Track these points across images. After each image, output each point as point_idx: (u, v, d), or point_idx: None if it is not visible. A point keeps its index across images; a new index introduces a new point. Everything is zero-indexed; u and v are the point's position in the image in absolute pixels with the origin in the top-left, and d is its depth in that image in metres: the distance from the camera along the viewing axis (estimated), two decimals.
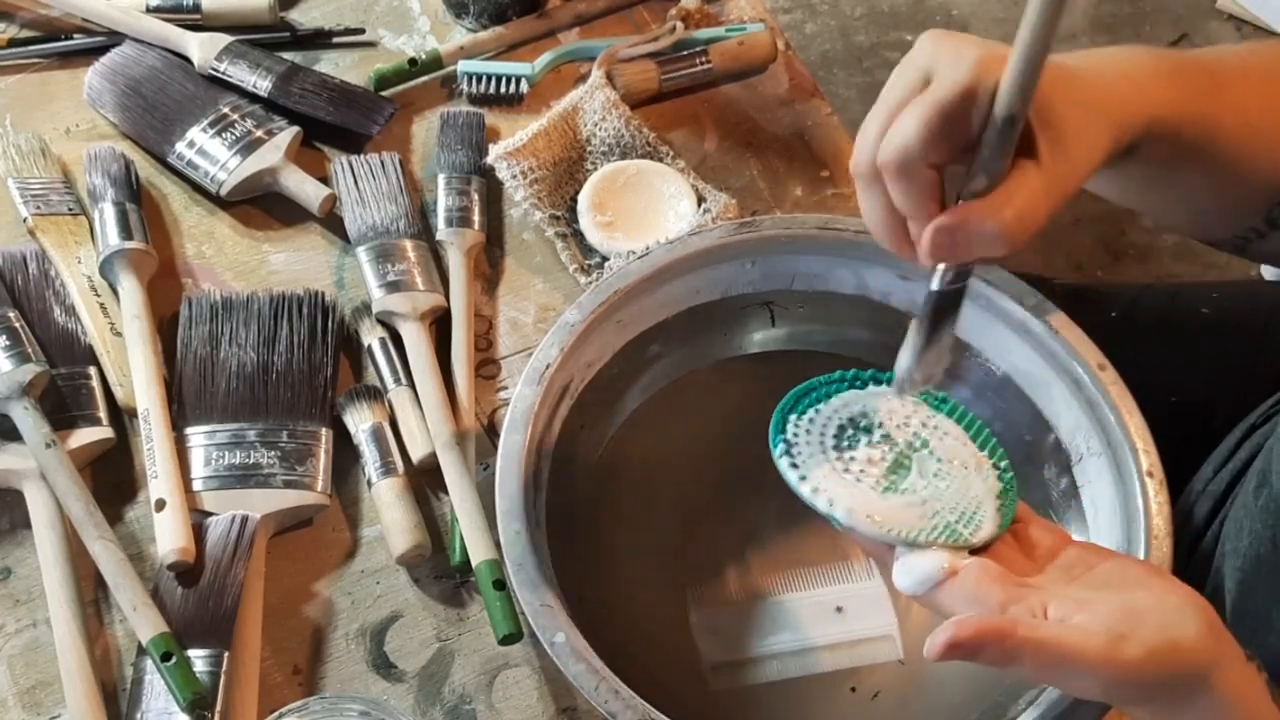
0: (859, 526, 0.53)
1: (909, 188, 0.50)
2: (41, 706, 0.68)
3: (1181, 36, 1.92)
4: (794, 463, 0.56)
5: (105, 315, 0.78)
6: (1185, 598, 0.50)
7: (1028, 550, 0.54)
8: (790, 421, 0.57)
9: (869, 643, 0.72)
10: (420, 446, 0.74)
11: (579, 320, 0.70)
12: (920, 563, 0.52)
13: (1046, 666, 0.47)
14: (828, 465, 0.56)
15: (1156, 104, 0.55)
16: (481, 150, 0.86)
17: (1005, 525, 0.54)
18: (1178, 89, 0.56)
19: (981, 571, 0.51)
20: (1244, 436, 0.72)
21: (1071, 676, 0.48)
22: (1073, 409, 0.69)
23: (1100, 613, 0.48)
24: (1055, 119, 0.49)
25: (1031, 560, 0.53)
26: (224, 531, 0.70)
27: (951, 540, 0.53)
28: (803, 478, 0.55)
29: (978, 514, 0.54)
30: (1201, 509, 0.72)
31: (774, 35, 0.92)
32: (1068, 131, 0.50)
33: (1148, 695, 0.49)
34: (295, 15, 0.94)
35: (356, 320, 0.80)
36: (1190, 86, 0.57)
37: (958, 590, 0.51)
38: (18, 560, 0.73)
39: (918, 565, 0.52)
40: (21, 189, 0.82)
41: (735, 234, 0.73)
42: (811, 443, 0.57)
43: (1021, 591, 0.50)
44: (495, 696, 0.69)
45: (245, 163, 0.83)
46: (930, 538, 0.53)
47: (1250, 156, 0.59)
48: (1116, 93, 0.54)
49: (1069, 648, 0.47)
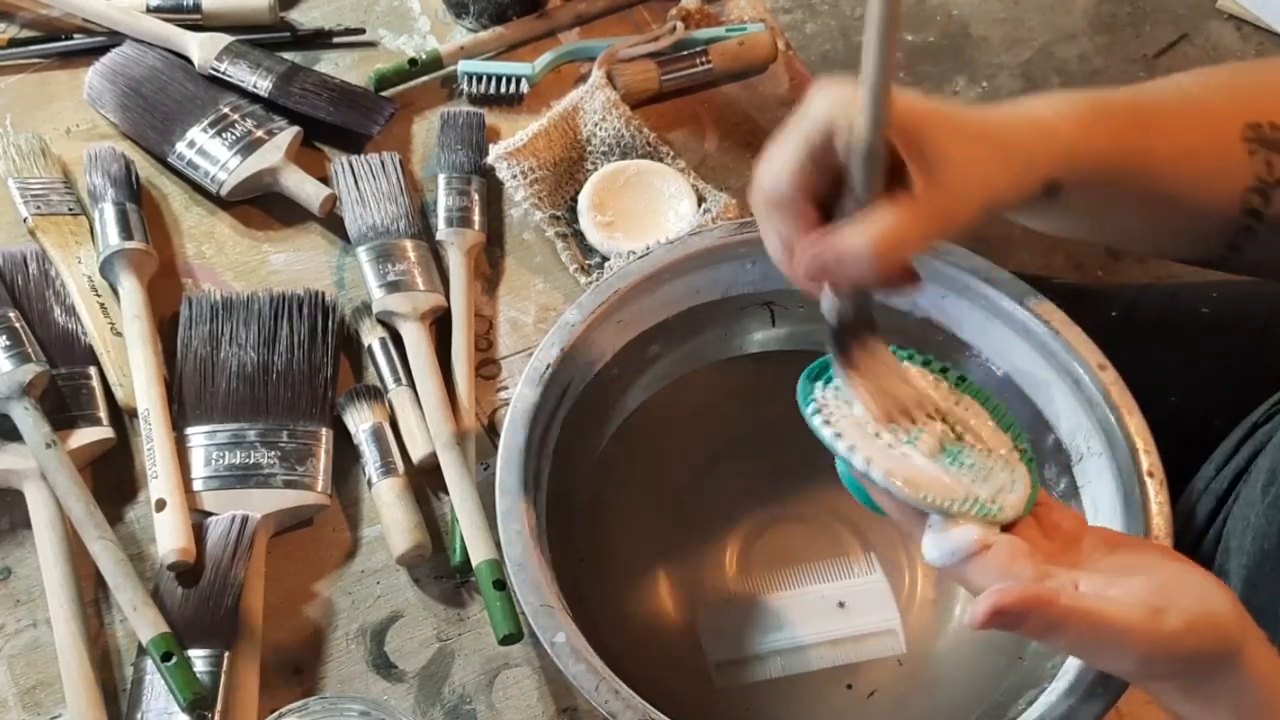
0: (894, 489, 0.53)
1: (785, 218, 0.53)
2: (41, 706, 0.68)
3: (1182, 36, 1.92)
4: (826, 420, 0.55)
5: (105, 315, 0.78)
6: (1207, 575, 0.50)
7: (1050, 533, 0.54)
8: (817, 388, 0.57)
9: (872, 637, 0.72)
10: (420, 446, 0.74)
11: (579, 320, 0.70)
12: (954, 534, 0.52)
13: (1087, 638, 0.48)
14: (859, 429, 0.55)
15: (1070, 143, 0.55)
16: (482, 150, 0.86)
17: (1030, 506, 0.54)
18: (1101, 127, 0.57)
19: (1014, 548, 0.51)
20: (1246, 435, 0.72)
21: (1110, 649, 0.48)
22: (1073, 409, 0.69)
23: (1133, 587, 0.49)
24: (931, 150, 0.51)
25: (1053, 542, 0.54)
26: (224, 531, 0.70)
27: (982, 515, 0.52)
28: (838, 435, 0.54)
29: (1004, 492, 0.54)
30: (1203, 508, 0.72)
31: (774, 35, 0.92)
32: (948, 163, 0.51)
33: (1183, 669, 0.49)
34: (295, 15, 0.94)
35: (357, 320, 0.80)
36: (1116, 123, 0.57)
37: (990, 564, 0.51)
38: (18, 560, 0.73)
39: (950, 536, 0.52)
40: (22, 189, 0.82)
41: (735, 234, 0.73)
42: (840, 407, 0.56)
43: (1052, 569, 0.50)
44: (495, 696, 0.69)
45: (245, 163, 0.83)
46: (963, 509, 0.52)
47: (1193, 187, 0.59)
48: (1020, 135, 0.55)
49: (1112, 618, 0.47)
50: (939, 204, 0.51)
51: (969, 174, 0.52)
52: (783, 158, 0.52)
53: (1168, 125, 0.59)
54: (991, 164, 0.53)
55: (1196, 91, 0.61)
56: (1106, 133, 0.57)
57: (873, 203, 0.51)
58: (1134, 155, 0.58)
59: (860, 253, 0.50)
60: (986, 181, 0.53)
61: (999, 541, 0.51)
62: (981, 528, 0.52)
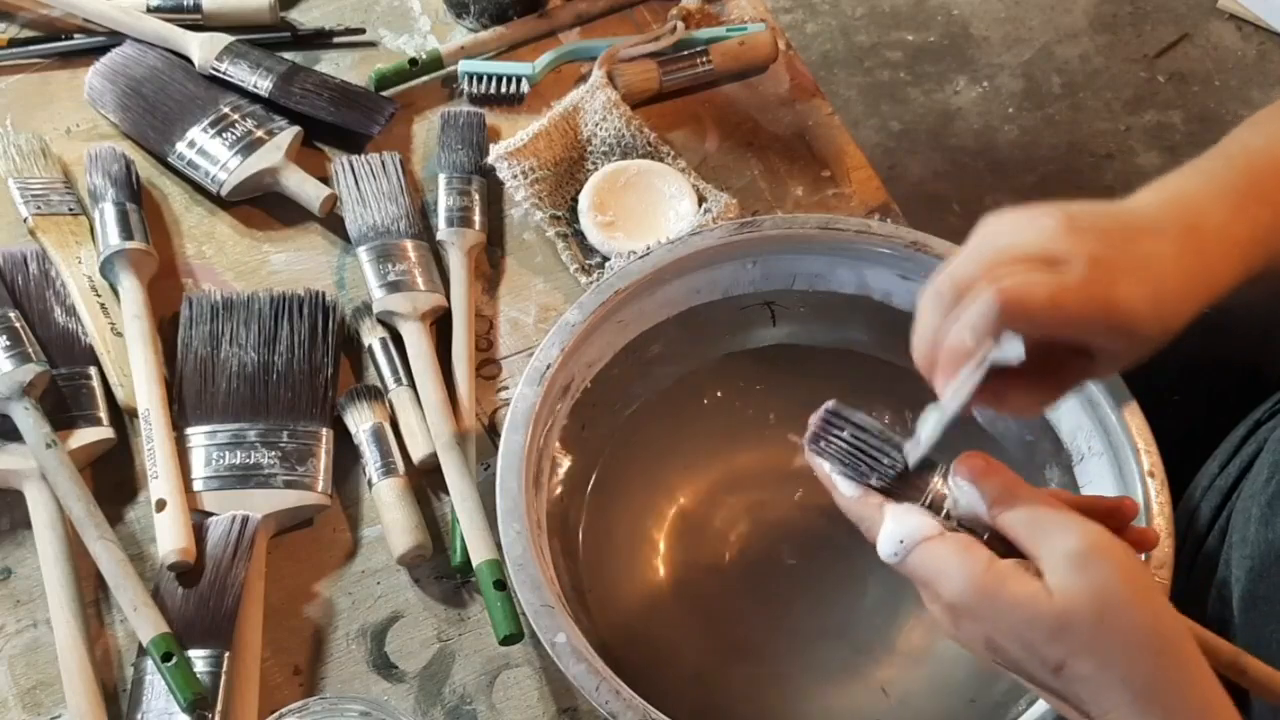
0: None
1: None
2: (42, 707, 0.68)
3: (1183, 36, 1.92)
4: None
5: (106, 315, 0.78)
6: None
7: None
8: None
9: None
10: (421, 446, 0.74)
11: (580, 320, 0.70)
12: (908, 520, 0.53)
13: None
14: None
15: (1235, 267, 0.55)
16: (482, 150, 0.86)
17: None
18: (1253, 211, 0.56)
19: (966, 539, 0.52)
20: (1249, 433, 0.72)
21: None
22: (1074, 409, 0.69)
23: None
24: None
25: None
26: (224, 532, 0.70)
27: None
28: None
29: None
30: (1207, 506, 0.72)
31: (775, 35, 0.92)
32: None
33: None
34: (296, 15, 0.94)
35: (357, 320, 0.80)
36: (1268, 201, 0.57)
37: (940, 549, 0.51)
38: (18, 560, 0.72)
39: (904, 523, 0.53)
40: (22, 189, 0.82)
41: (736, 234, 0.73)
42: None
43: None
44: (496, 697, 0.69)
45: (246, 163, 0.83)
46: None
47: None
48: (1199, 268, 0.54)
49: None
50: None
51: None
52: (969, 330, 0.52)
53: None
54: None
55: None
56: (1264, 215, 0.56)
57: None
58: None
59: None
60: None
61: (955, 533, 0.52)
62: (934, 519, 0.52)
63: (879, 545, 0.53)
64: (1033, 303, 0.49)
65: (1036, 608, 0.48)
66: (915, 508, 0.53)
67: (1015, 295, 0.49)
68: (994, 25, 1.94)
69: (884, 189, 0.87)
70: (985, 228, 0.54)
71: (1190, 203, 0.55)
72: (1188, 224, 0.54)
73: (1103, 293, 0.50)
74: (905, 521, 0.52)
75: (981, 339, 0.50)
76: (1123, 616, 0.47)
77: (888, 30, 1.93)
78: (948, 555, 0.51)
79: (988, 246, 0.52)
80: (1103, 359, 0.54)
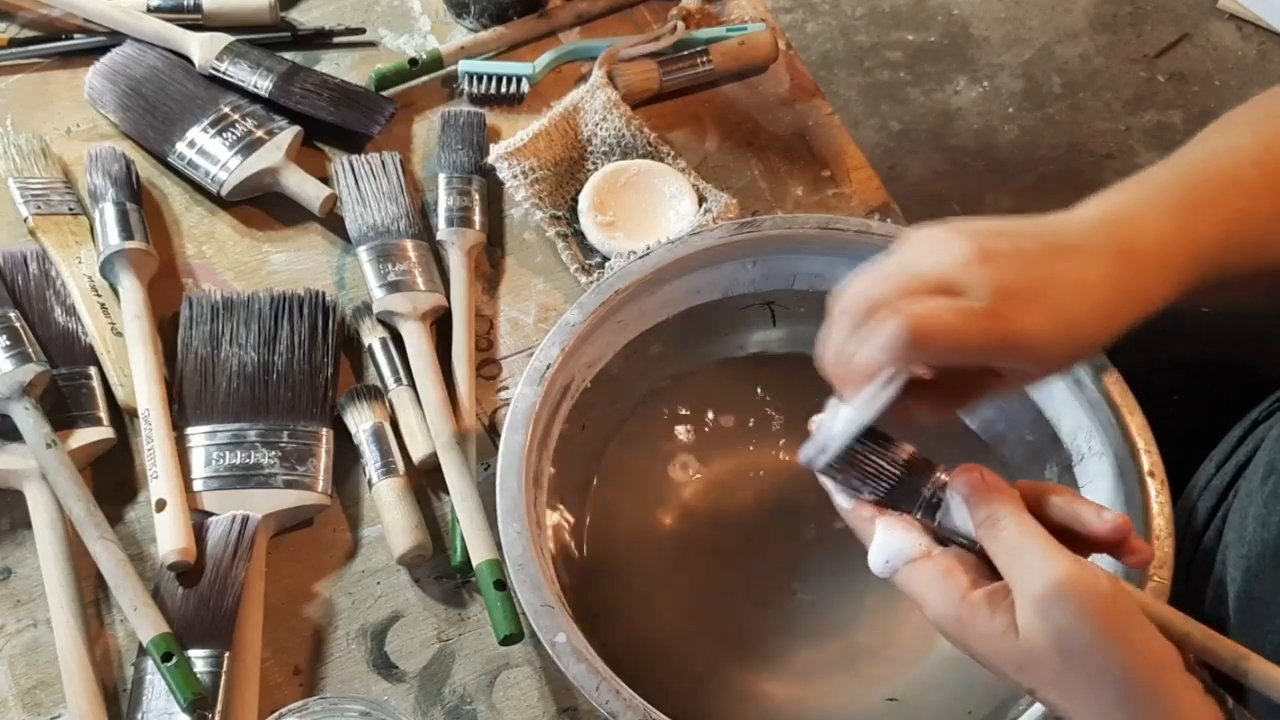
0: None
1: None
2: (42, 707, 0.68)
3: (1183, 36, 1.92)
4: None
5: (106, 315, 0.78)
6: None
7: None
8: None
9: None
10: (421, 446, 0.74)
11: (580, 320, 0.70)
12: (898, 537, 0.53)
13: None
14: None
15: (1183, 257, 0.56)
16: (482, 150, 0.86)
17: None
18: (1202, 218, 0.57)
19: (954, 560, 0.53)
20: (1246, 432, 0.72)
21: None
22: (1074, 409, 0.69)
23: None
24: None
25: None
26: (224, 532, 0.70)
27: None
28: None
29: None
30: (1204, 505, 0.72)
31: (775, 35, 0.92)
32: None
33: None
34: (296, 15, 0.94)
35: (357, 320, 0.80)
36: (1219, 210, 0.57)
37: (929, 570, 0.53)
38: (18, 560, 0.72)
39: (895, 540, 0.53)
40: (22, 189, 0.82)
41: (736, 234, 0.73)
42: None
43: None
44: (496, 697, 0.69)
45: (246, 162, 0.83)
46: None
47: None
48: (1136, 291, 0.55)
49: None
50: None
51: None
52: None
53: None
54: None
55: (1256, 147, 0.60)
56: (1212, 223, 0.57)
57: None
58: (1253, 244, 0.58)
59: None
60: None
61: (939, 553, 0.53)
62: (926, 537, 0.53)
63: (869, 559, 0.54)
64: (932, 333, 0.50)
65: (1002, 645, 0.49)
66: (904, 522, 0.54)
67: (918, 325, 0.50)
68: (994, 25, 1.94)
69: (884, 189, 0.87)
70: (904, 246, 0.55)
71: (1127, 219, 0.56)
72: (1120, 241, 0.55)
73: (1000, 322, 0.51)
74: (893, 539, 0.53)
75: (885, 362, 0.52)
76: (1085, 660, 0.48)
77: (888, 30, 1.93)
78: (928, 580, 0.52)
79: (901, 269, 0.54)
80: (1011, 378, 0.56)
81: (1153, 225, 0.56)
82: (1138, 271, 0.54)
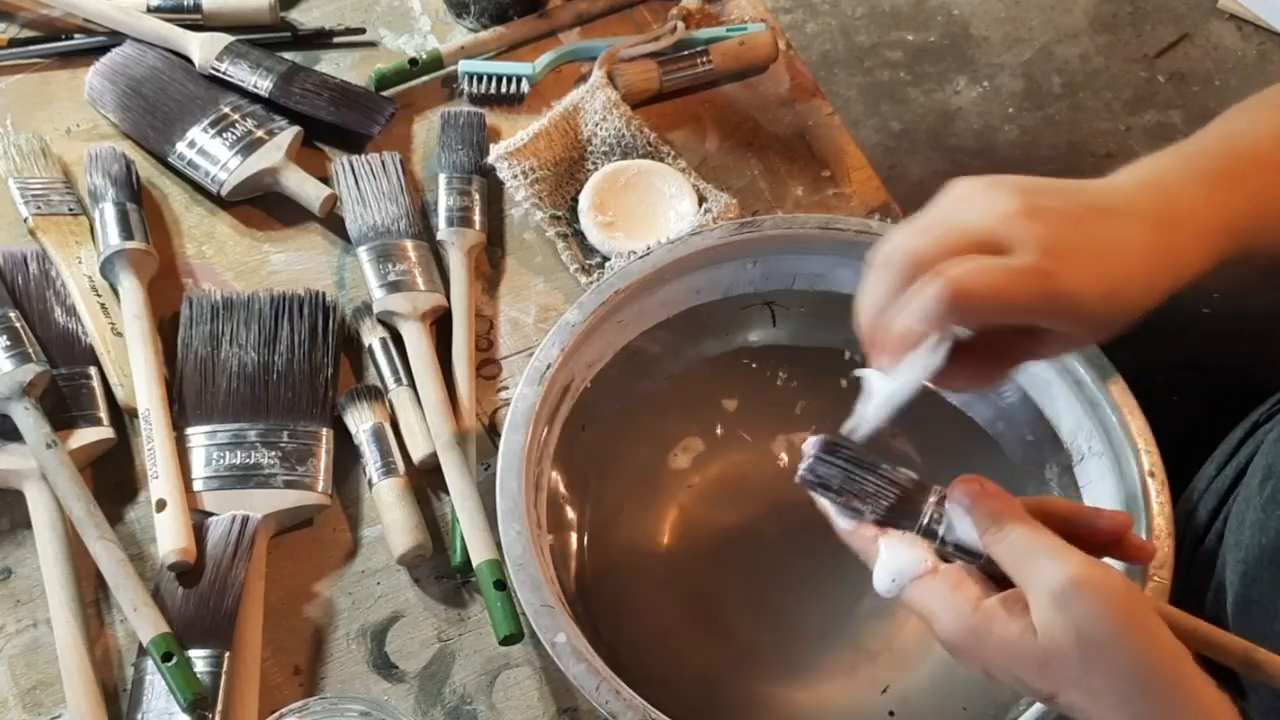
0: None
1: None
2: (42, 707, 0.68)
3: (1183, 36, 1.92)
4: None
5: (106, 315, 0.78)
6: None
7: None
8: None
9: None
10: (421, 446, 0.74)
11: (580, 320, 0.70)
12: (903, 555, 0.53)
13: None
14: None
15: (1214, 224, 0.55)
16: (482, 150, 0.86)
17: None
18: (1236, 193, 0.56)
19: (960, 573, 0.52)
20: (1246, 434, 0.72)
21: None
22: (1074, 409, 0.69)
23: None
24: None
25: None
26: (224, 532, 0.70)
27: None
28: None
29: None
30: (1204, 507, 0.72)
31: (775, 35, 0.92)
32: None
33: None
34: (296, 15, 0.94)
35: (357, 320, 0.80)
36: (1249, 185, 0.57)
37: (936, 586, 0.52)
38: (18, 560, 0.72)
39: (900, 557, 0.53)
40: (22, 189, 0.82)
41: (736, 234, 0.73)
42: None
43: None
44: (496, 697, 0.69)
45: (246, 163, 0.83)
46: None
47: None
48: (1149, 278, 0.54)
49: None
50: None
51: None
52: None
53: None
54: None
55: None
56: (1244, 197, 0.56)
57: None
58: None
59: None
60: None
61: (946, 568, 0.52)
62: (930, 554, 0.53)
63: (875, 579, 0.53)
64: (979, 294, 0.49)
65: (1021, 648, 0.49)
66: (908, 540, 0.53)
67: (962, 288, 0.49)
68: (994, 25, 1.94)
69: (884, 189, 0.87)
70: (946, 197, 0.54)
71: (1164, 186, 0.55)
72: (1159, 206, 0.54)
73: (1050, 281, 0.50)
74: (898, 557, 0.53)
75: (929, 328, 0.50)
76: (1107, 653, 0.47)
77: (888, 30, 1.93)
78: (938, 595, 0.52)
79: (944, 221, 0.52)
80: (1053, 340, 0.54)
81: (1187, 192, 0.55)
82: (1176, 238, 0.54)
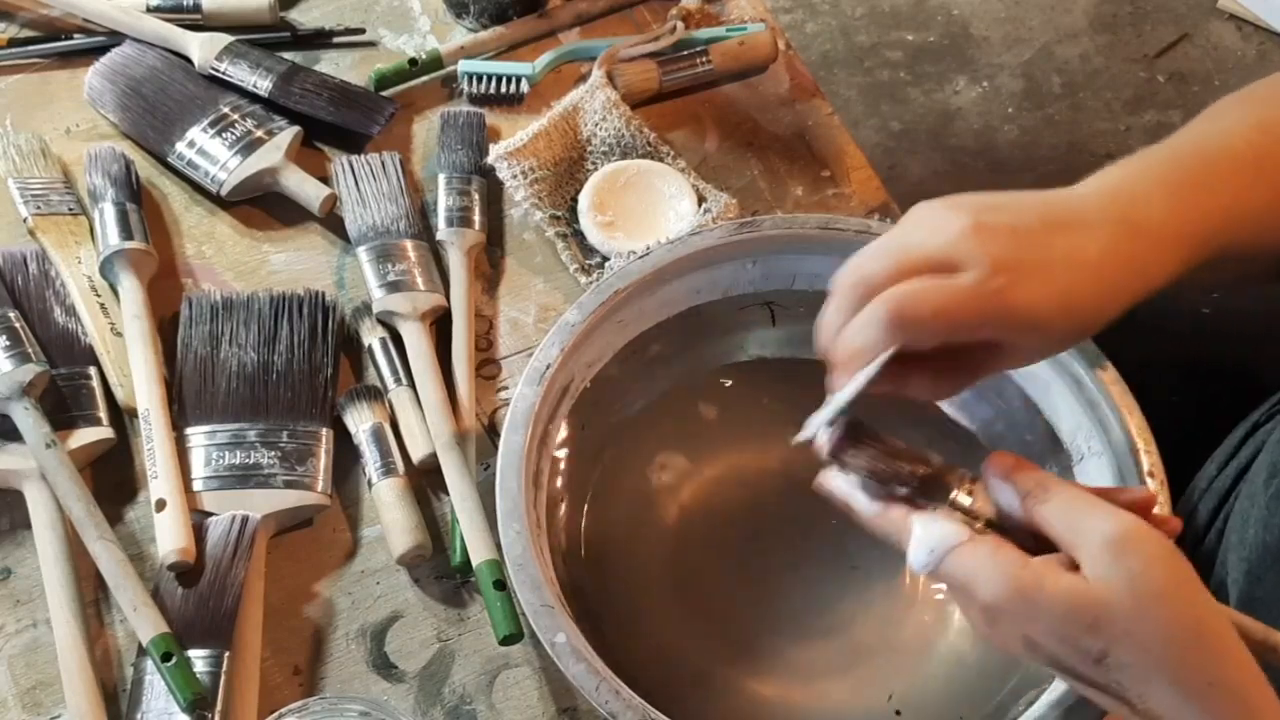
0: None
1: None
2: (42, 707, 0.68)
3: (1183, 36, 1.92)
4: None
5: (105, 315, 0.78)
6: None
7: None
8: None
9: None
10: (421, 447, 0.74)
11: (579, 320, 0.70)
12: (937, 527, 0.52)
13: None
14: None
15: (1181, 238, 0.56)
16: (482, 150, 0.86)
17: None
18: (1198, 202, 0.56)
19: (998, 540, 0.51)
20: (1247, 434, 0.72)
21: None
22: (1074, 409, 0.69)
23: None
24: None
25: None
26: (224, 532, 0.70)
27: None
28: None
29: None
30: (1205, 507, 0.72)
31: (775, 35, 0.92)
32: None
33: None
34: (295, 15, 0.94)
35: (357, 320, 0.80)
36: (1210, 196, 0.57)
37: (975, 553, 0.51)
38: (18, 560, 0.72)
39: (933, 531, 0.52)
40: (22, 189, 0.82)
41: (736, 234, 0.73)
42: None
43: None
44: (496, 697, 0.69)
45: (245, 163, 0.83)
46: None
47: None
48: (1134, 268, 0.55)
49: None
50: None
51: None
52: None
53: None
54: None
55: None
56: (1205, 211, 0.57)
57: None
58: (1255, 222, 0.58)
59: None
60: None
61: (983, 536, 0.52)
62: (963, 524, 0.52)
63: (910, 555, 0.52)
64: (919, 314, 0.51)
65: (1075, 600, 0.48)
66: (943, 512, 0.53)
67: (901, 308, 0.50)
68: (994, 25, 1.94)
69: (884, 189, 0.87)
70: (904, 221, 0.55)
71: (1128, 194, 0.56)
72: (1122, 216, 0.54)
73: (997, 297, 0.51)
74: (934, 529, 0.52)
75: (873, 347, 0.51)
76: (1161, 605, 0.47)
77: (888, 30, 1.93)
78: (982, 558, 0.50)
79: (899, 245, 0.54)
80: (1015, 352, 0.55)
81: (1153, 199, 0.55)
82: (1139, 245, 0.54)
